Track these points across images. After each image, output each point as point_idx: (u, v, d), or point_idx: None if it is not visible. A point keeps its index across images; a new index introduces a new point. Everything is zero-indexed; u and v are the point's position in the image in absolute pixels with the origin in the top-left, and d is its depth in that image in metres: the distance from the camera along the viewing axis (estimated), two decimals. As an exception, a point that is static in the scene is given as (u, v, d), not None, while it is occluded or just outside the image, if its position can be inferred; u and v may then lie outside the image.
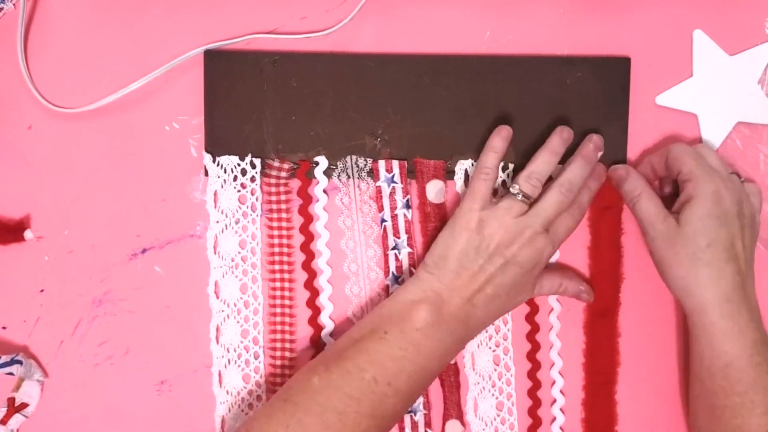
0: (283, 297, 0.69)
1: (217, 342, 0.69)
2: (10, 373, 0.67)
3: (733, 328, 0.61)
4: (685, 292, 0.62)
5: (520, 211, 0.62)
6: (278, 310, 0.69)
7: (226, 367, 0.69)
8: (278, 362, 0.69)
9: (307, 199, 0.68)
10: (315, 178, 0.68)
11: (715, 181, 0.62)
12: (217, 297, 0.69)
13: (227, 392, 0.69)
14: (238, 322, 0.69)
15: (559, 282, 0.66)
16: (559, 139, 0.65)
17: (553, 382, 0.70)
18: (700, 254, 0.61)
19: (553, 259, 0.69)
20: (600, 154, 0.66)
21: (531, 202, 0.63)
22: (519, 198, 0.63)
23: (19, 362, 0.67)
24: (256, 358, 0.69)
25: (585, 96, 0.67)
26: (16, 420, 0.68)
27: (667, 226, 0.62)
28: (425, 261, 0.64)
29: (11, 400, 0.68)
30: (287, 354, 0.69)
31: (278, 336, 0.69)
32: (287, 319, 0.69)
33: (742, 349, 0.61)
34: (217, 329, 0.69)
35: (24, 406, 0.69)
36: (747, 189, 0.65)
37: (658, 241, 0.63)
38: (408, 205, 0.68)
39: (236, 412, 0.69)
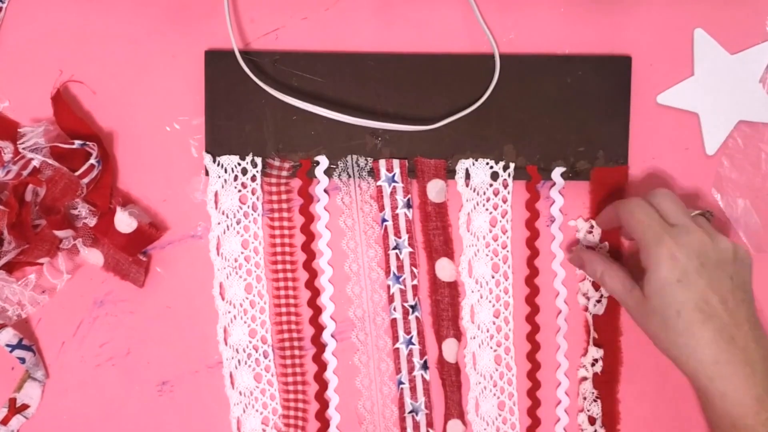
0: (287, 296, 0.69)
1: (226, 343, 0.69)
2: (22, 359, 0.67)
3: (727, 388, 0.57)
4: (673, 360, 0.60)
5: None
6: (284, 309, 0.69)
7: (236, 368, 0.69)
8: (288, 361, 0.69)
9: (308, 199, 0.68)
10: (316, 177, 0.68)
11: (664, 242, 0.58)
12: (223, 298, 0.69)
13: (240, 393, 0.69)
14: (245, 322, 0.69)
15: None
16: None
17: (558, 384, 0.70)
18: (672, 323, 0.58)
19: (557, 259, 0.69)
20: None
21: None
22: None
23: (32, 351, 0.68)
24: (266, 357, 0.69)
25: (586, 95, 0.67)
26: (17, 421, 0.68)
27: (635, 299, 0.60)
28: None
29: (12, 401, 0.68)
30: (296, 352, 0.69)
31: (285, 335, 0.69)
32: (293, 318, 0.69)
33: (745, 407, 0.57)
34: (225, 331, 0.69)
35: (25, 407, 0.69)
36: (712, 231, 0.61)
37: (634, 314, 0.62)
38: (409, 205, 0.68)
39: (251, 413, 0.69)
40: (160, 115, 0.68)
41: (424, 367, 0.69)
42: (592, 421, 0.69)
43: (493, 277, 0.69)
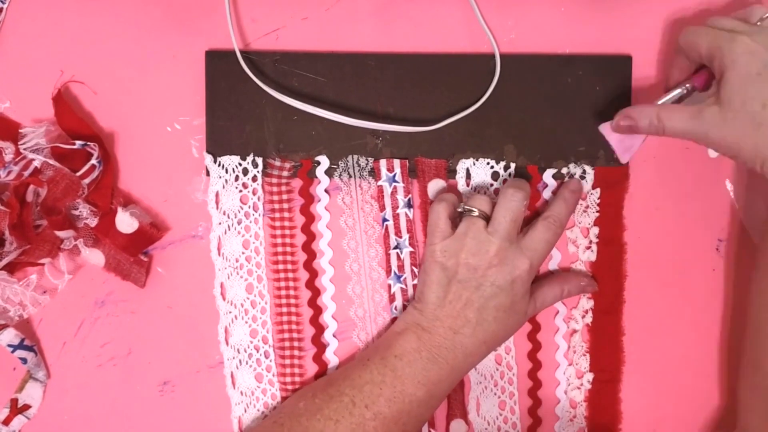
0: (288, 296, 0.69)
1: (227, 343, 0.69)
2: (23, 359, 0.67)
3: None
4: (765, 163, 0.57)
5: (479, 229, 0.62)
6: (284, 309, 0.69)
7: (237, 368, 0.69)
8: (287, 361, 0.69)
9: (308, 199, 0.68)
10: (316, 177, 0.68)
11: (738, 39, 0.56)
12: (224, 298, 0.69)
13: (241, 393, 0.69)
14: (246, 322, 0.69)
15: (559, 290, 0.66)
16: (523, 193, 0.63)
17: (558, 383, 0.70)
18: (759, 118, 0.56)
19: (554, 262, 0.69)
20: (579, 197, 0.66)
21: (487, 215, 0.63)
22: (474, 215, 0.63)
23: (34, 351, 0.68)
24: (266, 357, 0.69)
25: (586, 94, 0.67)
26: (18, 421, 0.68)
27: (710, 115, 0.57)
28: (413, 296, 0.67)
29: (14, 401, 0.68)
30: (296, 353, 0.69)
31: (286, 335, 0.69)
32: (294, 318, 0.69)
33: None
34: (226, 331, 0.69)
35: (26, 407, 0.69)
36: None
37: (712, 134, 0.58)
38: (409, 205, 0.68)
39: (252, 413, 0.69)
40: (160, 115, 0.68)
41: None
42: (579, 375, 0.69)
43: (493, 277, 0.69)
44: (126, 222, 0.66)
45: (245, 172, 0.68)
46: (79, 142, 0.65)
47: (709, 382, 0.70)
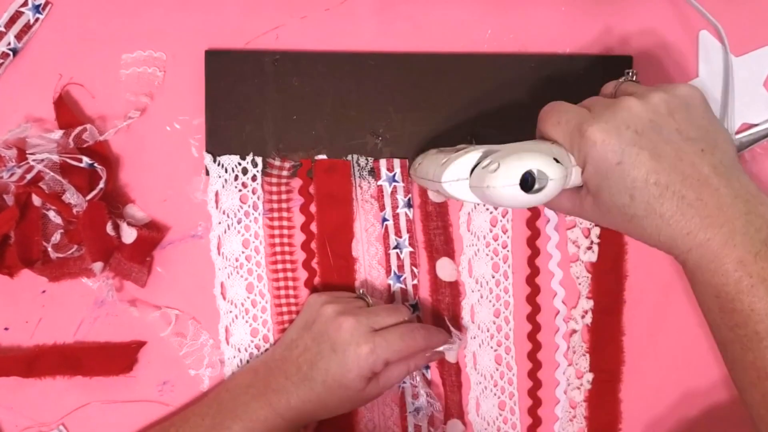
0: (288, 296, 0.69)
1: (227, 343, 0.69)
2: None
3: (703, 257, 0.51)
4: (652, 245, 0.54)
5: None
6: (285, 309, 0.69)
7: (238, 367, 0.69)
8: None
9: (308, 198, 0.68)
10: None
11: (584, 131, 0.52)
12: (224, 298, 0.69)
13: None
14: (246, 321, 0.69)
15: (405, 367, 0.64)
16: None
17: (558, 383, 0.70)
18: (631, 211, 0.52)
19: (554, 262, 0.69)
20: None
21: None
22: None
23: None
24: (267, 356, 0.69)
25: (587, 94, 0.66)
26: None
27: (588, 205, 0.55)
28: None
29: None
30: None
31: (286, 335, 0.69)
32: (294, 317, 0.69)
33: (725, 276, 0.50)
34: (227, 330, 0.69)
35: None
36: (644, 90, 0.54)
37: (599, 221, 0.61)
38: (409, 204, 0.68)
39: None
40: (160, 115, 0.68)
41: (425, 366, 0.69)
42: (579, 375, 0.69)
43: (493, 277, 0.69)
44: (126, 233, 0.66)
45: (245, 171, 0.68)
46: (86, 160, 0.65)
47: (709, 382, 0.70)
